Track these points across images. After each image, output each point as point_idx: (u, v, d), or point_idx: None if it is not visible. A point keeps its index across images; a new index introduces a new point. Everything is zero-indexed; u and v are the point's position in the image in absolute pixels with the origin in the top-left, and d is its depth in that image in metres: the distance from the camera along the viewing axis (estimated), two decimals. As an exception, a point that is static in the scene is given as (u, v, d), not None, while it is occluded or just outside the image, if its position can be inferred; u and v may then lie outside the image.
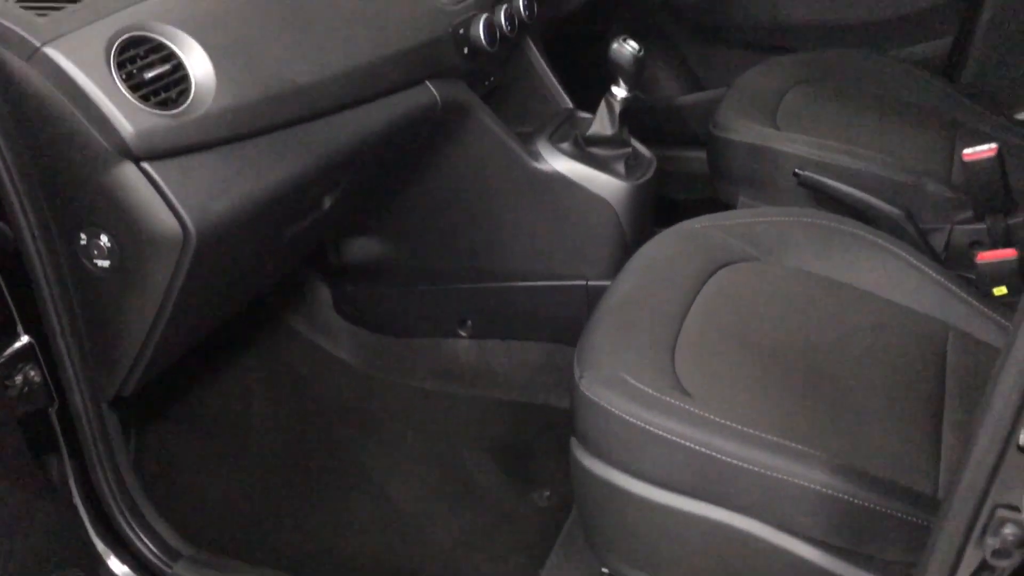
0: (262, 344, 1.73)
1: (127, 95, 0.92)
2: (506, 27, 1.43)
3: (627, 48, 1.41)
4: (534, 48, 1.62)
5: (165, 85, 0.96)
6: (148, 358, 1.07)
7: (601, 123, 1.48)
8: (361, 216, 1.56)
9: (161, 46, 0.97)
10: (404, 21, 1.26)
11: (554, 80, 1.63)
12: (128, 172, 0.94)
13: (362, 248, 1.63)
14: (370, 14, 1.22)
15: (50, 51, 0.90)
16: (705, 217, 1.33)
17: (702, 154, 1.87)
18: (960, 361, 1.14)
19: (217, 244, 1.00)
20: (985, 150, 1.40)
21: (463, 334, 1.66)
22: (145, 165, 0.94)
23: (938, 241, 1.49)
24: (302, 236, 1.25)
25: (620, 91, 1.45)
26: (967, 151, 1.41)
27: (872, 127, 1.63)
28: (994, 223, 1.44)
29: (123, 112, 0.92)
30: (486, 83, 1.54)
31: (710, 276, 1.21)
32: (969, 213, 1.47)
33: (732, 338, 1.12)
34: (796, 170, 1.48)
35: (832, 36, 2.01)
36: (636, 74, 1.43)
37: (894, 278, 1.24)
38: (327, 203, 1.25)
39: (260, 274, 1.29)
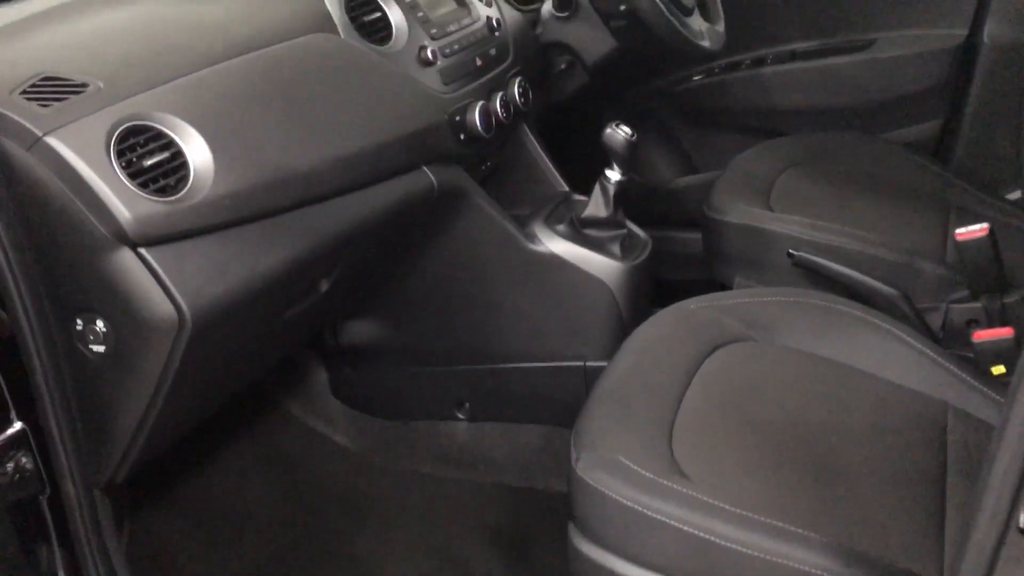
0: (257, 428, 1.72)
1: (126, 182, 0.94)
2: (502, 114, 1.46)
3: (620, 133, 1.43)
4: (529, 133, 1.65)
5: (164, 172, 0.98)
6: (142, 444, 1.06)
7: (596, 205, 1.50)
8: (358, 299, 1.56)
9: (161, 134, 0.99)
10: (401, 108, 1.29)
11: (549, 164, 1.66)
12: (125, 258, 0.94)
13: (359, 330, 1.64)
14: (368, 101, 1.24)
15: (51, 140, 0.92)
16: (701, 297, 1.33)
17: (698, 235, 1.88)
18: (961, 440, 1.13)
19: (213, 329, 1.00)
20: (977, 229, 1.41)
21: (460, 416, 1.65)
22: (142, 251, 0.95)
23: (935, 321, 1.49)
24: (299, 320, 1.26)
25: (614, 174, 1.47)
26: (960, 230, 1.42)
27: (865, 208, 1.65)
28: (990, 302, 1.44)
29: (121, 199, 0.93)
30: (482, 167, 1.57)
31: (707, 357, 1.21)
32: (965, 292, 1.47)
33: (731, 419, 1.12)
34: (790, 251, 1.49)
35: (823, 120, 2.05)
36: (629, 158, 1.46)
37: (892, 358, 1.24)
38: (324, 286, 1.25)
39: (256, 359, 1.29)
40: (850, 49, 2.01)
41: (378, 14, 1.35)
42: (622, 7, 1.65)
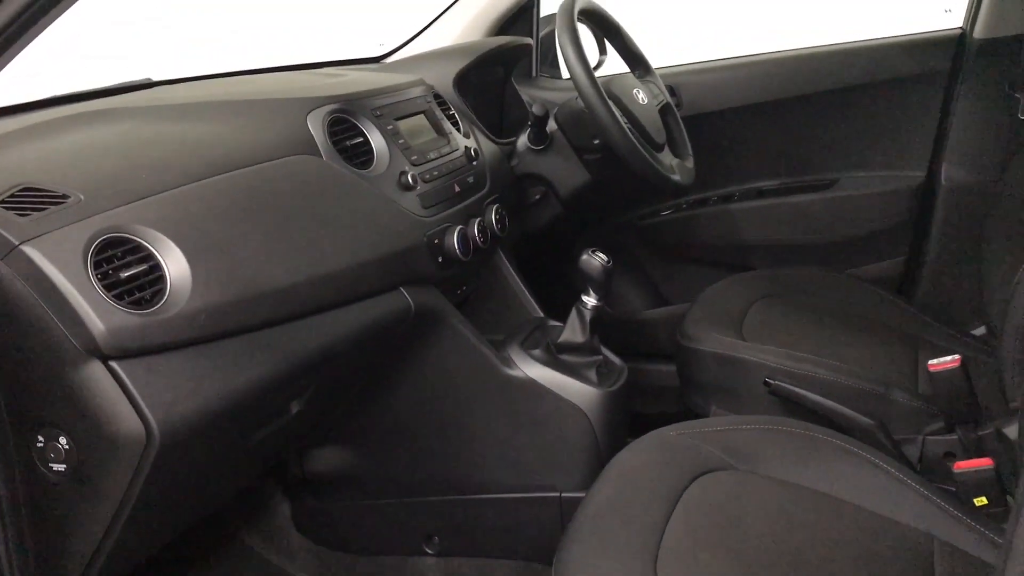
0: (215, 564, 1.63)
1: (101, 294, 0.92)
2: (479, 239, 1.47)
3: (596, 259, 1.45)
4: (505, 260, 1.66)
5: (140, 285, 0.96)
6: (97, 571, 0.99)
7: (572, 330, 1.49)
8: (327, 424, 1.52)
9: (139, 247, 0.98)
10: (381, 229, 1.29)
11: (524, 290, 1.66)
12: (95, 371, 0.91)
13: (325, 459, 1.58)
14: (347, 221, 1.24)
15: (27, 249, 0.90)
16: (680, 425, 1.31)
17: (668, 367, 1.88)
18: (948, 573, 1.11)
19: (181, 448, 0.96)
20: (949, 361, 1.42)
21: (430, 551, 1.58)
22: (113, 364, 0.92)
23: (911, 452, 1.48)
24: (267, 444, 1.21)
25: (590, 300, 1.48)
26: (932, 361, 1.44)
27: (835, 340, 1.66)
28: (965, 434, 1.44)
29: (95, 310, 0.90)
30: (458, 292, 1.56)
31: (688, 485, 1.18)
32: (940, 424, 1.47)
33: (716, 551, 1.08)
34: (767, 379, 1.49)
35: (789, 255, 2.10)
36: (605, 284, 1.46)
37: (875, 489, 1.22)
38: (295, 408, 1.22)
39: (221, 484, 1.24)
40: (814, 188, 2.08)
41: (360, 139, 1.37)
42: (596, 141, 1.70)
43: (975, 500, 1.29)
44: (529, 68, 2.18)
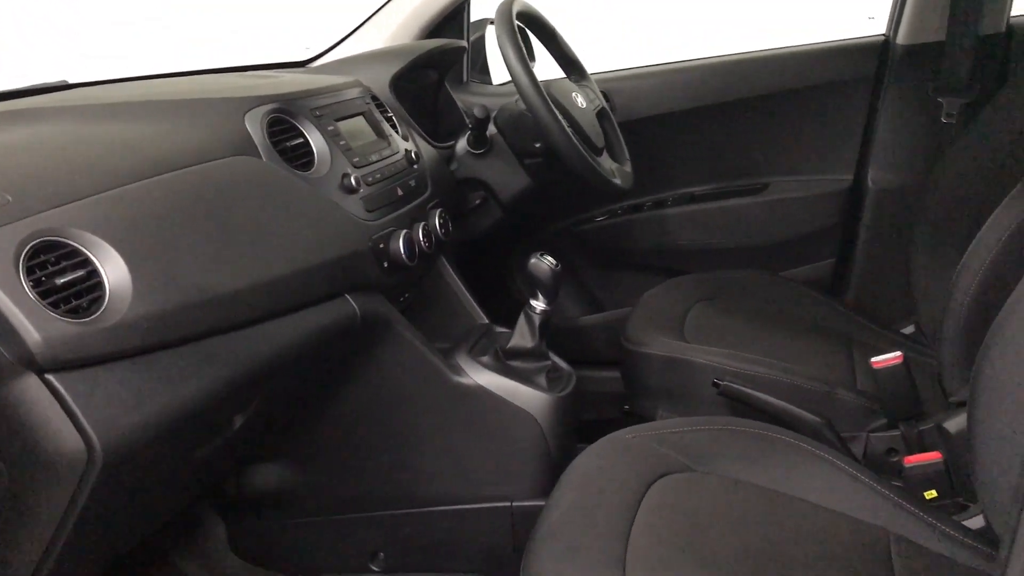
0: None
1: (35, 301, 0.84)
2: (424, 243, 1.43)
3: (545, 263, 1.42)
4: (447, 266, 1.63)
5: (77, 292, 0.89)
6: (30, 603, 0.92)
7: (521, 336, 1.46)
8: (267, 439, 1.45)
9: (75, 252, 0.91)
10: (325, 234, 1.24)
11: (468, 296, 1.63)
12: (30, 385, 0.84)
13: (263, 476, 1.51)
14: (291, 225, 1.19)
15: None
16: (635, 427, 1.30)
17: (608, 372, 1.87)
18: (906, 568, 1.11)
19: (123, 465, 0.89)
20: (892, 357, 1.45)
21: (375, 568, 1.53)
22: (50, 377, 0.85)
23: (856, 448, 1.50)
24: (209, 462, 1.15)
25: (539, 304, 1.45)
26: (875, 359, 1.46)
27: (775, 340, 1.68)
28: (907, 430, 1.47)
29: (29, 319, 0.83)
30: (401, 299, 1.52)
31: (648, 488, 1.17)
32: (883, 421, 1.49)
33: (681, 553, 1.06)
34: (716, 380, 1.49)
35: (723, 259, 2.12)
36: (554, 287, 1.44)
37: (830, 486, 1.22)
38: (238, 423, 1.16)
39: (162, 505, 1.17)
40: (746, 192, 2.10)
41: (300, 140, 1.32)
42: (537, 145, 1.68)
43: (925, 494, 1.31)
44: (460, 73, 2.15)
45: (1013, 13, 1.91)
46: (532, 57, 2.14)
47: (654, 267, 2.17)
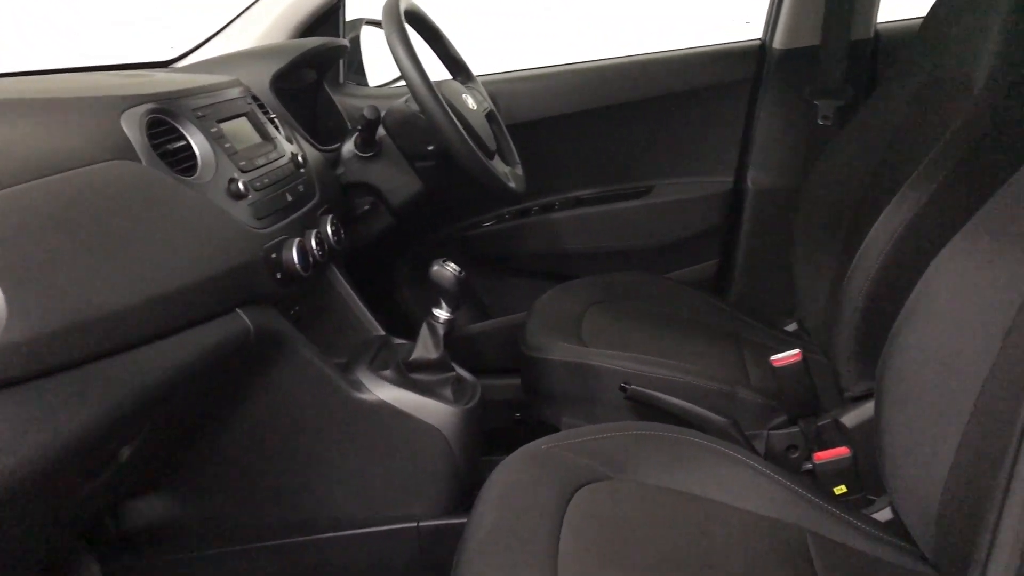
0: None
1: None
2: (317, 252, 1.35)
3: (448, 269, 1.37)
4: (339, 275, 1.54)
5: (-60, 316, 0.77)
6: None
7: (425, 347, 1.40)
8: (153, 470, 1.33)
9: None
10: (214, 244, 1.14)
11: (363, 307, 1.55)
12: None
13: (145, 509, 1.38)
14: (176, 235, 1.09)
15: None
16: (549, 438, 1.26)
17: (499, 380, 1.83)
18: (826, 565, 1.12)
19: (1, 511, 0.78)
20: (791, 355, 1.47)
21: None
22: (-89, 414, 0.73)
23: (758, 446, 1.51)
24: (92, 500, 1.03)
25: (443, 313, 1.39)
26: (775, 357, 1.47)
27: (670, 342, 1.68)
28: (806, 426, 1.49)
29: None
30: (291, 312, 1.42)
31: (569, 499, 1.13)
32: (783, 418, 1.51)
33: (610, 565, 1.03)
34: (623, 384, 1.47)
35: (611, 262, 2.12)
36: (458, 295, 1.39)
37: (746, 487, 1.22)
38: (124, 455, 1.04)
39: (39, 550, 1.04)
40: (631, 195, 2.11)
41: (182, 142, 1.21)
42: (430, 148, 1.62)
43: (835, 489, 1.33)
44: (336, 74, 2.07)
45: (880, 19, 1.99)
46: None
47: (542, 272, 2.15)
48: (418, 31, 1.73)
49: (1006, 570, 0.76)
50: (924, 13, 1.65)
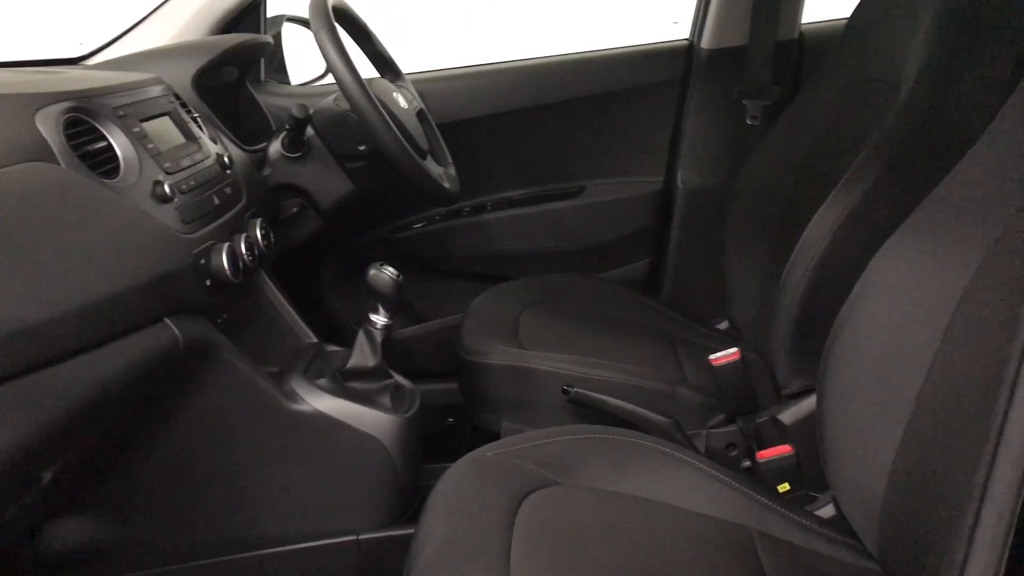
0: None
1: None
2: (247, 257, 1.29)
3: (386, 273, 1.33)
4: (268, 281, 1.48)
5: None
6: None
7: (362, 354, 1.36)
8: (78, 491, 1.25)
9: None
10: (140, 250, 1.08)
11: (293, 314, 1.49)
12: None
13: (68, 533, 1.30)
14: (100, 241, 1.02)
15: None
16: (493, 444, 1.23)
17: (432, 385, 1.80)
18: (774, 563, 1.12)
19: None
20: (730, 354, 1.47)
21: None
22: None
23: (698, 445, 1.51)
24: (12, 526, 0.96)
25: (380, 318, 1.35)
26: (713, 356, 1.47)
27: (607, 343, 1.67)
28: (745, 424, 1.49)
29: None
30: (219, 321, 1.36)
31: (518, 508, 1.10)
32: (721, 417, 1.52)
33: (566, 572, 1.01)
34: (565, 387, 1.45)
35: (543, 263, 2.10)
36: (396, 300, 1.35)
37: (692, 488, 1.21)
38: (47, 478, 0.98)
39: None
40: (563, 196, 2.09)
41: (103, 143, 1.14)
42: (361, 148, 1.57)
43: (778, 487, 1.33)
44: (257, 72, 2.00)
45: (804, 20, 2.02)
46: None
47: (474, 274, 2.12)
48: (346, 28, 1.69)
49: (986, 567, 0.76)
50: (847, 15, 1.68)
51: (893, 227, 1.12)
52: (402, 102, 1.63)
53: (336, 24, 1.47)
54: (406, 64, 1.89)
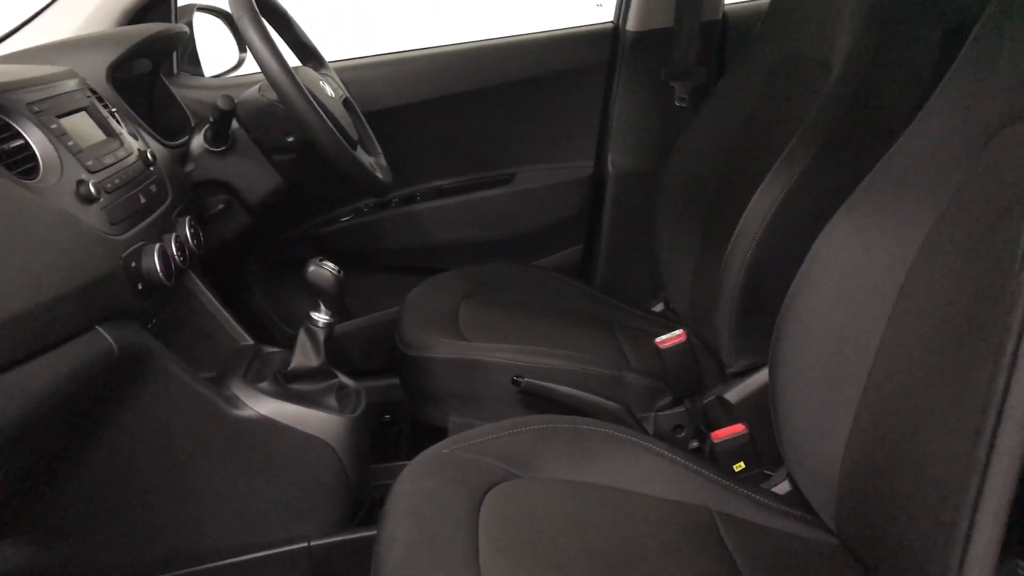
0: None
1: None
2: (178, 257, 1.23)
3: (326, 269, 1.28)
4: (198, 282, 1.41)
5: None
6: None
7: (304, 354, 1.30)
8: (11, 513, 1.17)
9: None
10: (67, 254, 1.01)
11: (226, 315, 1.43)
12: None
13: (6, 558, 1.22)
14: (23, 247, 0.95)
15: None
16: (448, 441, 1.20)
17: (369, 382, 1.75)
18: (737, 543, 1.12)
19: None
20: (676, 336, 1.47)
21: None
22: None
23: (648, 428, 1.51)
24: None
25: (322, 316, 1.30)
26: (659, 339, 1.47)
27: (548, 330, 1.65)
28: (692, 405, 1.50)
29: None
30: (149, 326, 1.29)
31: (481, 504, 1.08)
32: (668, 399, 1.52)
33: (533, 567, 0.99)
34: (515, 378, 1.43)
35: (476, 253, 2.07)
36: (338, 297, 1.30)
37: (651, 473, 1.21)
38: (-24, 502, 0.91)
39: None
40: (494, 184, 2.06)
41: (19, 141, 1.06)
42: (289, 139, 1.51)
43: (734, 466, 1.34)
44: (170, 64, 1.91)
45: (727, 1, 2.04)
46: (244, 49, 1.95)
47: (405, 267, 2.07)
48: (265, 15, 1.62)
49: (988, 545, 0.77)
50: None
51: (834, 205, 1.13)
52: (328, 91, 1.58)
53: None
54: (327, 52, 1.83)
